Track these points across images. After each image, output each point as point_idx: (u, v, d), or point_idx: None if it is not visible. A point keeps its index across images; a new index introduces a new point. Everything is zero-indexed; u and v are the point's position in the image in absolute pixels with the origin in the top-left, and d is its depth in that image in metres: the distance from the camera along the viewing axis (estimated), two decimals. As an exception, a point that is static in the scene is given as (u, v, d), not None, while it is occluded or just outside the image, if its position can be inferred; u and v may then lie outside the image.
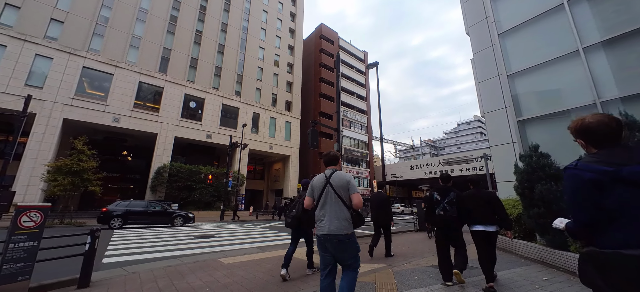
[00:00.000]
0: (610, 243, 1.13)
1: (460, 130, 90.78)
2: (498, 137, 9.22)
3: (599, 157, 1.23)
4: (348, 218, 2.43)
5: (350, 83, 42.73)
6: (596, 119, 1.29)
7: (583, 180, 1.20)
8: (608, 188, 1.14)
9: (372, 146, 48.19)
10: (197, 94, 26.57)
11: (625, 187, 1.11)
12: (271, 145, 31.26)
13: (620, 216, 1.11)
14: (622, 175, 1.12)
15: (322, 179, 2.60)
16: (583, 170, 1.22)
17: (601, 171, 1.16)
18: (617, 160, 1.17)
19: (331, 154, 2.75)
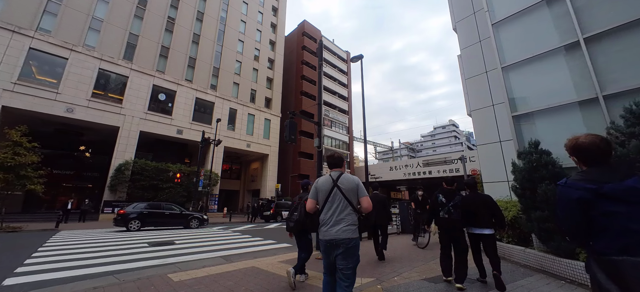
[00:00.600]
0: (607, 250, 1.30)
1: (436, 134, 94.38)
2: (485, 136, 8.84)
3: (586, 176, 1.44)
4: (355, 222, 2.37)
5: (332, 82, 42.19)
6: (589, 139, 1.47)
7: (571, 198, 1.42)
8: (593, 203, 1.35)
9: (353, 147, 48.01)
10: (168, 86, 24.48)
11: (608, 202, 1.32)
12: (249, 143, 29.74)
13: (610, 226, 1.31)
14: (603, 191, 1.33)
15: (329, 182, 2.48)
16: (571, 187, 1.43)
17: (586, 189, 1.37)
18: (602, 178, 1.37)
19: (336, 156, 2.63)
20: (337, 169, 2.60)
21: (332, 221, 2.37)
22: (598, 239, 1.35)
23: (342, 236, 2.30)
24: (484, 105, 9.02)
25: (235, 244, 8.36)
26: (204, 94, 26.83)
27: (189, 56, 26.61)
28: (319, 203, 2.51)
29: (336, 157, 2.64)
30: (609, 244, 1.30)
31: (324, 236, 2.39)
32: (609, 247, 1.30)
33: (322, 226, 2.42)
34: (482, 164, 8.79)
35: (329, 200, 2.43)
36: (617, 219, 1.29)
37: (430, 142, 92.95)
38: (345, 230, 2.31)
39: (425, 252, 6.53)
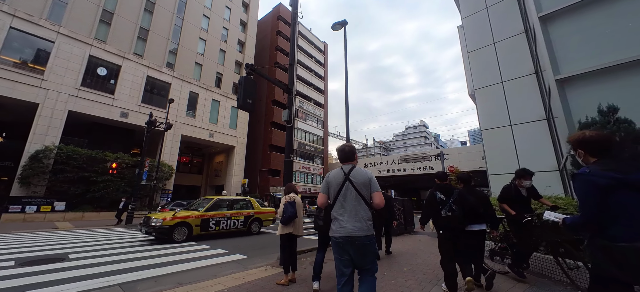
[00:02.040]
0: (620, 237, 1.40)
1: (407, 134, 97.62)
2: (492, 119, 7.28)
3: (606, 165, 1.52)
4: (370, 218, 2.25)
5: (308, 73, 39.90)
6: (596, 133, 1.65)
7: (597, 185, 1.48)
8: (617, 191, 1.44)
9: (328, 143, 46.32)
10: (110, 58, 20.31)
11: (629, 192, 1.42)
12: (212, 132, 26.35)
13: (623, 214, 1.41)
14: (629, 181, 1.42)
15: (340, 175, 2.36)
16: (597, 176, 1.49)
17: (613, 178, 1.45)
18: (624, 169, 1.46)
19: (347, 149, 2.49)
20: (349, 162, 2.44)
21: (345, 216, 2.24)
22: (609, 226, 1.45)
23: (356, 233, 2.17)
24: (491, 82, 7.46)
25: (159, 258, 5.80)
26: (157, 72, 22.94)
27: (140, 26, 22.51)
28: (330, 198, 2.37)
29: (347, 150, 2.49)
30: (620, 231, 1.41)
31: (337, 233, 2.23)
32: (619, 234, 1.41)
33: (335, 222, 2.28)
34: (488, 154, 7.21)
35: (340, 194, 2.30)
36: (632, 208, 1.40)
37: (402, 141, 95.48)
38: (359, 227, 2.18)
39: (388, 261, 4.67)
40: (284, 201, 4.11)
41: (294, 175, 32.84)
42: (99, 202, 17.40)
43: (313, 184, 36.57)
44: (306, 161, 36.29)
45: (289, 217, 3.96)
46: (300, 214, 4.14)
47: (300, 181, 34.39)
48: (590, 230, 1.55)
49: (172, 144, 22.97)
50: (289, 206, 4.00)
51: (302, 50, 39.92)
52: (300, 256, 5.81)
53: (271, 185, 30.28)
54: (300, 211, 4.14)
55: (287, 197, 4.16)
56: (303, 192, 33.87)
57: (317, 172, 37.39)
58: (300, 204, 4.18)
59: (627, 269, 1.36)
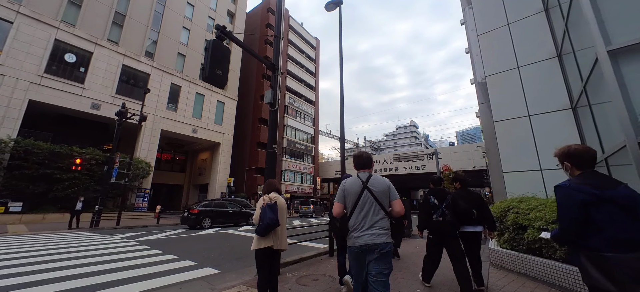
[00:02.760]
0: (602, 247, 1.47)
1: (398, 134, 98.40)
2: (506, 108, 6.42)
3: (585, 180, 1.59)
4: (388, 227, 2.20)
5: (298, 69, 38.69)
6: (581, 146, 1.70)
7: (575, 199, 1.55)
8: (595, 205, 1.50)
9: (319, 141, 45.34)
10: (80, 44, 18.44)
11: (608, 205, 1.48)
12: (195, 128, 24.74)
13: (605, 226, 1.47)
14: (605, 196, 1.49)
15: (358, 184, 2.28)
16: (575, 190, 1.57)
17: (589, 193, 1.52)
18: (601, 184, 1.54)
19: (365, 156, 2.44)
20: (366, 169, 2.39)
21: (364, 226, 2.17)
22: (592, 237, 1.51)
23: (375, 241, 2.11)
24: (504, 68, 6.59)
25: (106, 274, 4.55)
26: (135, 61, 21.16)
27: (116, 11, 20.68)
28: (347, 207, 2.29)
29: (364, 157, 2.44)
30: (604, 243, 1.47)
31: (356, 242, 2.18)
32: (603, 245, 1.47)
33: (353, 232, 2.21)
34: (502, 149, 6.34)
35: (359, 203, 2.23)
36: (613, 221, 1.47)
37: (392, 141, 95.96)
38: (379, 235, 2.13)
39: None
40: (262, 202, 3.00)
41: (283, 174, 31.61)
42: (63, 203, 15.63)
43: (303, 183, 35.43)
44: (296, 159, 35.10)
45: (268, 226, 2.84)
46: (284, 221, 3.06)
47: (289, 180, 33.18)
48: (566, 241, 1.73)
49: (150, 139, 21.26)
50: (268, 210, 2.89)
51: (293, 45, 38.69)
52: (284, 271, 4.72)
53: (259, 184, 28.91)
54: (283, 217, 3.05)
55: (267, 197, 3.06)
56: (292, 191, 32.71)
57: (307, 171, 36.27)
58: (283, 207, 3.09)
59: (609, 278, 1.44)
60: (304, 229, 11.35)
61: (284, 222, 3.06)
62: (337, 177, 38.83)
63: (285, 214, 3.12)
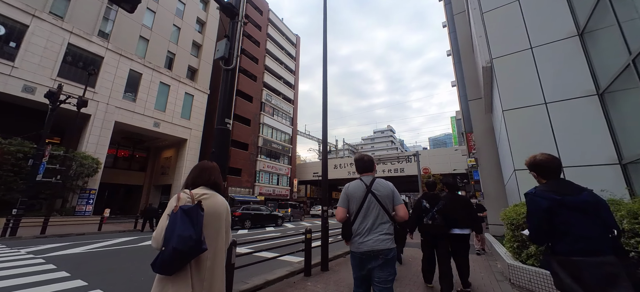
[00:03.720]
0: (567, 251, 1.58)
1: (375, 137, 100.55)
2: (518, 96, 5.48)
3: (549, 187, 1.71)
4: (392, 232, 2.12)
5: (277, 65, 36.94)
6: (545, 157, 1.83)
7: (540, 206, 1.66)
8: (556, 211, 1.61)
9: (297, 142, 43.76)
10: (12, 14, 15.32)
11: (569, 211, 1.59)
12: (158, 121, 22.05)
13: (569, 231, 1.58)
14: (565, 202, 1.60)
15: (362, 188, 2.20)
16: (540, 197, 1.69)
17: (552, 199, 1.63)
18: (563, 191, 1.65)
19: (366, 159, 2.36)
20: (368, 173, 2.32)
21: (368, 231, 2.10)
22: (559, 241, 1.62)
23: (380, 247, 2.04)
24: (515, 49, 5.67)
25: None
26: (85, 41, 18.21)
27: (61, -20, 17.67)
28: (351, 212, 2.21)
29: (366, 159, 2.36)
30: (569, 247, 1.57)
31: (359, 248, 2.09)
32: (568, 249, 1.58)
33: (356, 237, 2.13)
34: (514, 142, 5.36)
35: (363, 208, 2.15)
36: (575, 226, 1.57)
37: (370, 145, 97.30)
38: (383, 240, 2.06)
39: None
40: (174, 206, 1.51)
41: (258, 174, 29.67)
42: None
43: (279, 185, 33.59)
44: (272, 159, 33.21)
45: (177, 254, 1.35)
46: (220, 243, 1.61)
47: (264, 181, 31.19)
48: (537, 242, 1.82)
49: (101, 132, 18.36)
50: (179, 221, 1.41)
51: (272, 40, 36.93)
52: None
53: (231, 185, 26.66)
54: (217, 235, 1.60)
55: (185, 195, 1.58)
56: (267, 194, 30.80)
57: (283, 172, 34.49)
58: (219, 215, 1.62)
59: (576, 279, 1.51)
60: (278, 237, 9.80)
61: (222, 246, 1.61)
62: (316, 180, 37.47)
63: (224, 228, 1.66)
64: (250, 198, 28.04)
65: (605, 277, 1.45)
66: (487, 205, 9.15)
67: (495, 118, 7.60)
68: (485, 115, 9.61)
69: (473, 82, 10.19)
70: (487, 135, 9.50)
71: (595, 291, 1.45)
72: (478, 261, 5.78)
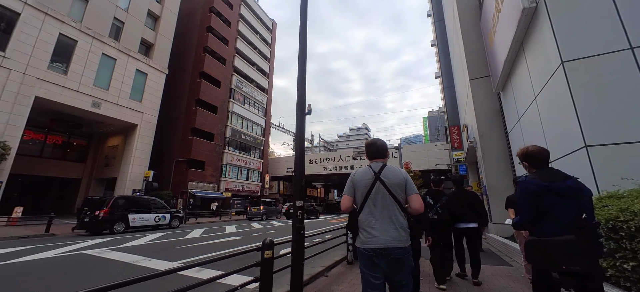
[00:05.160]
0: (544, 233, 1.78)
1: (351, 135, 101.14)
2: (587, 39, 3.82)
3: (538, 175, 1.89)
4: (406, 226, 1.86)
5: (250, 50, 33.84)
6: (536, 149, 1.99)
7: (529, 190, 1.84)
8: (543, 195, 1.79)
9: (270, 135, 41.02)
10: None
11: (552, 195, 1.77)
12: (97, 101, 18.20)
13: (548, 214, 1.78)
14: (552, 187, 1.78)
15: (369, 175, 1.95)
16: (529, 183, 1.86)
17: (539, 185, 1.81)
18: (551, 178, 1.83)
19: (378, 144, 2.08)
20: (379, 159, 2.04)
21: (376, 224, 1.84)
22: (538, 224, 1.83)
23: (391, 245, 1.76)
24: None
25: None
26: (-9, -10, 14.00)
27: None
28: (357, 201, 1.96)
29: (379, 144, 2.08)
30: (545, 227, 1.78)
31: (366, 244, 1.83)
32: (543, 230, 1.79)
33: (363, 231, 1.88)
34: (581, 106, 3.71)
35: (370, 197, 1.90)
36: (555, 208, 1.77)
37: (345, 143, 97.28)
38: (394, 237, 1.79)
39: None
40: None
41: (224, 168, 26.70)
42: None
43: (249, 180, 30.76)
44: (241, 152, 30.25)
45: None
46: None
47: (232, 176, 28.20)
48: (526, 228, 1.96)
49: (13, 108, 14.35)
50: None
51: (245, 22, 33.75)
52: None
53: (191, 179, 23.41)
54: None
55: None
56: (235, 190, 27.90)
57: (254, 167, 31.69)
58: None
59: (543, 257, 1.75)
60: (233, 242, 7.54)
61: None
62: (289, 176, 35.18)
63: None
64: (214, 194, 24.97)
65: (564, 252, 1.67)
66: (493, 201, 7.75)
67: (519, 91, 6.05)
68: (492, 97, 8.23)
69: (476, 58, 8.76)
70: (493, 120, 8.12)
71: (555, 264, 1.72)
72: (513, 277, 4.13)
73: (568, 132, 3.80)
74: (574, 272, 1.66)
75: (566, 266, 1.66)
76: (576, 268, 1.64)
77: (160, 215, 12.58)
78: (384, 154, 2.04)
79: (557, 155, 4.13)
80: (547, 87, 4.30)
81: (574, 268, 1.64)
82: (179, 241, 8.55)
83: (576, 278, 1.67)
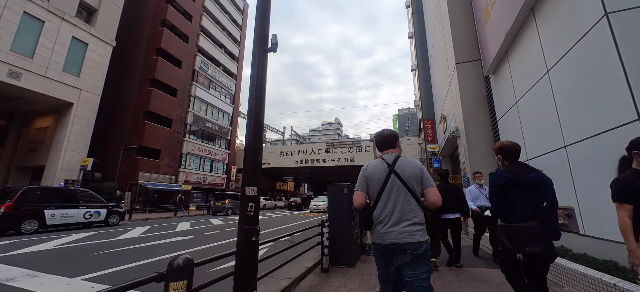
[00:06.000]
0: (510, 220, 2.05)
1: (323, 129, 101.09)
2: None
3: (507, 168, 2.13)
4: (422, 220, 1.78)
5: (218, 30, 30.89)
6: (510, 143, 2.22)
7: (498, 183, 2.10)
8: (510, 187, 2.04)
9: (238, 125, 38.46)
10: None
11: (517, 187, 2.02)
12: (17, 70, 14.72)
13: (514, 204, 2.03)
14: (517, 180, 2.03)
15: (382, 168, 1.86)
16: (499, 176, 2.12)
17: (507, 177, 2.06)
18: (517, 171, 2.07)
19: (387, 134, 2.00)
20: (391, 150, 1.96)
21: (392, 219, 1.76)
22: (506, 212, 2.09)
23: (407, 240, 1.69)
24: None
25: None
26: None
27: None
28: (370, 196, 1.88)
29: (387, 134, 1.99)
30: (512, 215, 2.04)
31: (382, 239, 1.77)
32: (510, 217, 2.05)
33: (378, 226, 1.80)
34: (634, 68, 2.84)
35: (384, 191, 1.81)
36: (519, 198, 2.01)
37: (317, 137, 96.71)
38: (412, 232, 1.70)
39: None
40: None
41: (184, 158, 24.11)
42: None
43: (213, 172, 28.29)
44: (205, 141, 27.61)
45: None
46: None
47: (193, 167, 25.57)
48: (498, 215, 2.19)
49: None
50: None
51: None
52: None
53: (143, 170, 20.55)
54: None
55: None
56: (196, 182, 25.41)
57: (219, 157, 29.23)
58: None
59: (510, 241, 2.01)
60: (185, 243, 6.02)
61: None
62: (258, 168, 33.15)
63: None
64: (171, 187, 22.33)
65: (527, 236, 1.93)
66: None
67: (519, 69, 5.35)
68: (480, 82, 7.61)
69: (464, 41, 8.10)
70: (480, 107, 7.51)
71: (520, 247, 1.96)
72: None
73: (610, 103, 2.98)
74: (535, 253, 1.90)
75: (529, 248, 1.91)
76: (536, 250, 1.89)
77: (93, 210, 10.31)
78: (394, 144, 1.97)
79: (590, 132, 3.33)
80: (574, 53, 3.51)
81: (535, 250, 1.90)
82: (105, 244, 6.70)
83: (536, 258, 1.92)
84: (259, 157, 2.43)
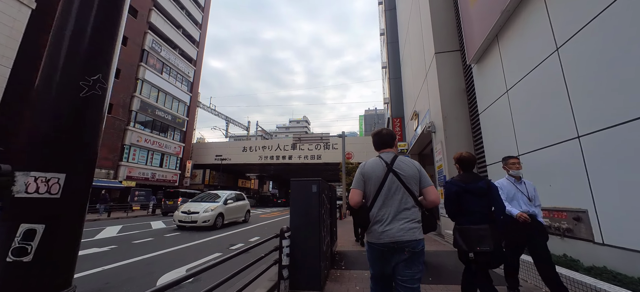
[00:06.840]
0: (462, 222, 2.36)
1: (290, 126, 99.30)
2: None
3: (460, 178, 2.45)
4: (419, 219, 1.77)
5: (176, 8, 27.49)
6: (468, 154, 2.49)
7: (451, 190, 2.40)
8: (461, 194, 2.35)
9: (196, 116, 35.15)
10: None
11: (468, 195, 2.33)
12: None
13: (467, 209, 2.33)
14: (468, 188, 2.34)
15: (380, 166, 1.83)
16: (452, 184, 2.42)
17: (459, 185, 2.38)
18: (467, 180, 2.39)
19: (384, 133, 1.96)
20: (388, 149, 1.93)
21: (389, 217, 1.72)
22: (460, 216, 2.39)
23: (406, 238, 1.67)
24: None
25: None
26: None
27: None
28: (367, 195, 1.83)
29: (385, 133, 1.96)
30: (464, 218, 2.35)
31: (380, 239, 1.72)
32: (463, 221, 2.35)
33: (375, 225, 1.75)
34: None
35: (382, 190, 1.77)
36: (470, 205, 2.32)
37: (284, 134, 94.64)
38: (410, 229, 1.68)
39: None
40: None
41: (127, 150, 20.87)
42: None
43: (163, 167, 25.10)
44: (155, 132, 24.32)
45: None
46: None
47: (138, 160, 22.26)
48: (451, 218, 2.47)
49: None
50: None
51: (169, -28, 27.18)
52: None
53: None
54: None
55: None
56: (142, 178, 22.20)
57: (172, 151, 26.07)
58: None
59: (463, 240, 2.31)
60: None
61: None
62: (217, 164, 30.56)
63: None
64: (108, 183, 19.00)
65: (478, 237, 2.22)
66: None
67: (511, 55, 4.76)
68: (459, 75, 7.11)
69: (443, 31, 7.59)
70: (459, 100, 7.00)
71: (472, 245, 2.25)
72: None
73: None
74: (485, 252, 2.21)
75: (479, 247, 2.21)
76: (486, 249, 2.19)
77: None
78: (391, 143, 1.94)
79: (615, 121, 2.67)
80: (600, 21, 2.85)
81: (484, 249, 2.20)
82: None
83: (486, 255, 2.25)
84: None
